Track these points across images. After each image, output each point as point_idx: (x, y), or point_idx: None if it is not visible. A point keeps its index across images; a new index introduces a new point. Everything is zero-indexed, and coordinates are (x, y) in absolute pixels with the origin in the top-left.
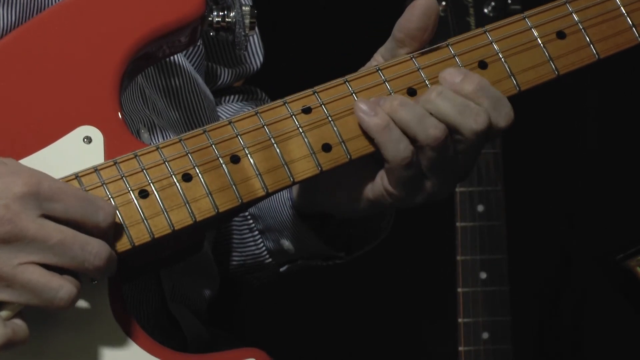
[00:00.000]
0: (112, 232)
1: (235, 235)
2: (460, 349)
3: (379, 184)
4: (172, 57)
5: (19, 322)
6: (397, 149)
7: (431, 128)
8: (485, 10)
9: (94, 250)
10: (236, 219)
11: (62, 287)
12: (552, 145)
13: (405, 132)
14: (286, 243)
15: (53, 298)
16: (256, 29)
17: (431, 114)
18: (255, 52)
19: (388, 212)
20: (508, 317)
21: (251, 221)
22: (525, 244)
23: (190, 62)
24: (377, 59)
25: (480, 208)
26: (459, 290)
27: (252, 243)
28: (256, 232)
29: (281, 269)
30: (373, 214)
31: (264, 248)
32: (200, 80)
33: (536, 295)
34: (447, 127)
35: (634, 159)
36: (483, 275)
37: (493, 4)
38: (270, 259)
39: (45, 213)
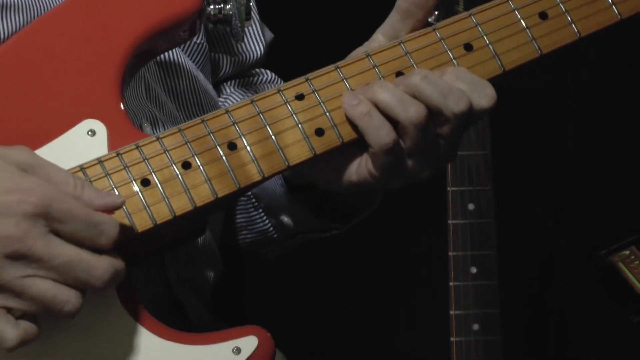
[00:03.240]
0: (114, 245)
1: (243, 214)
2: (452, 339)
3: (364, 167)
4: (174, 58)
5: (30, 323)
6: (378, 135)
7: (412, 107)
8: None
9: (97, 273)
10: (242, 199)
11: (69, 300)
12: (538, 147)
13: (387, 115)
14: (285, 219)
15: (60, 310)
16: (256, 19)
17: (415, 97)
18: (255, 40)
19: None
20: (497, 310)
21: (254, 200)
22: (514, 240)
23: (193, 59)
24: (378, 38)
25: (471, 206)
26: (451, 284)
27: (259, 220)
28: (260, 210)
29: (287, 243)
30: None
31: (269, 224)
32: (201, 78)
33: (524, 289)
34: (429, 110)
35: (615, 161)
36: (473, 270)
37: None
38: (275, 234)
39: (54, 231)
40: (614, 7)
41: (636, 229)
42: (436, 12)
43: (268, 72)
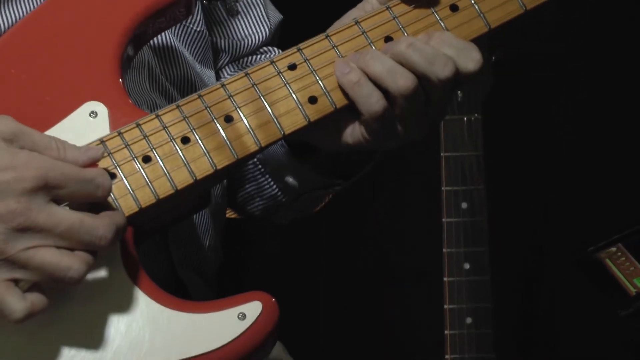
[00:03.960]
0: (109, 196)
1: (252, 183)
2: (446, 332)
3: (357, 132)
4: (172, 48)
5: (37, 294)
6: (369, 103)
7: (401, 78)
8: None
9: (100, 232)
10: (250, 168)
11: (72, 266)
12: (528, 149)
13: (377, 84)
14: (290, 179)
15: (64, 276)
16: (261, 4)
17: (402, 64)
18: (258, 23)
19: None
20: (489, 304)
21: (260, 166)
22: (505, 237)
23: (194, 47)
24: (372, 1)
25: (464, 205)
26: (445, 279)
27: (267, 186)
28: (267, 176)
29: (294, 205)
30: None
31: (276, 188)
32: (198, 68)
33: (515, 284)
34: (416, 77)
35: (602, 162)
36: (467, 265)
37: None
38: (283, 198)
39: (53, 198)
40: None
41: (622, 226)
42: None
43: (276, 49)
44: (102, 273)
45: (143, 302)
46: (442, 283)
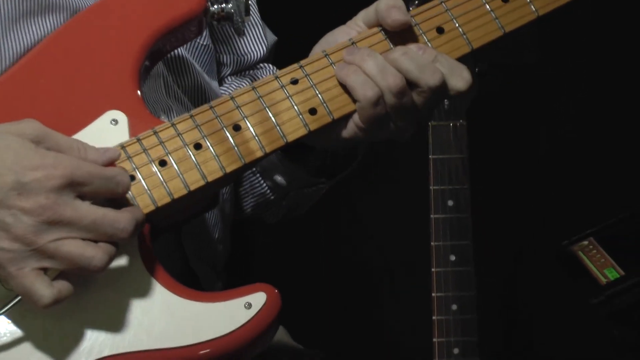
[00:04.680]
0: (128, 192)
1: (245, 182)
2: (434, 318)
3: (352, 124)
4: (184, 61)
5: (64, 282)
6: (364, 88)
7: (390, 77)
8: None
9: (121, 225)
10: None
11: (95, 255)
12: (509, 153)
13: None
14: (279, 178)
15: (88, 265)
16: (258, 22)
17: (396, 68)
18: (257, 42)
19: (360, 148)
20: (473, 292)
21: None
22: (487, 232)
23: (200, 60)
24: (359, 22)
25: (450, 203)
26: (433, 270)
27: (257, 184)
28: (258, 175)
29: (282, 204)
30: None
31: (266, 187)
32: (205, 76)
33: (496, 274)
34: (406, 80)
35: (576, 164)
36: (452, 257)
37: None
38: (272, 196)
39: (79, 195)
40: None
41: (594, 222)
42: (416, 1)
43: (270, 65)
44: (121, 265)
45: (159, 291)
46: (430, 273)
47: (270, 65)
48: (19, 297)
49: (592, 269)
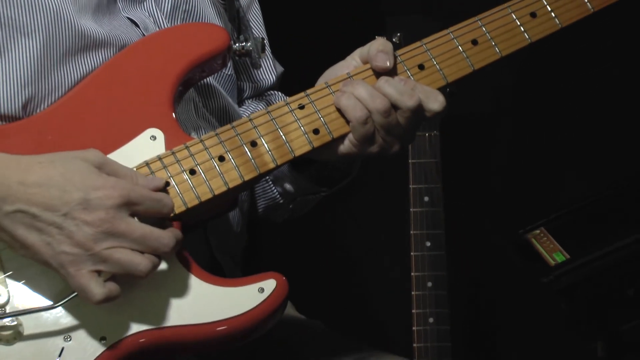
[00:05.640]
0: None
1: (259, 188)
2: (413, 293)
3: (347, 142)
4: (212, 88)
5: (114, 284)
6: (355, 110)
7: (377, 100)
8: None
9: (165, 241)
10: None
11: (141, 263)
12: (475, 157)
13: (362, 104)
14: (287, 186)
15: (134, 270)
16: (269, 56)
17: (381, 93)
18: (268, 72)
19: (355, 163)
20: (445, 272)
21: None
22: (457, 223)
23: (224, 86)
24: (355, 58)
25: (426, 199)
26: (412, 254)
27: (269, 190)
28: (270, 182)
29: (289, 207)
30: (345, 162)
31: (276, 192)
32: (229, 100)
33: (464, 257)
34: (390, 103)
35: (529, 165)
36: (428, 243)
37: None
38: (281, 200)
39: (132, 213)
40: (525, 33)
41: (545, 214)
42: (398, 34)
43: (279, 93)
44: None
45: (189, 278)
46: (409, 256)
47: (280, 93)
48: (76, 293)
49: (543, 253)
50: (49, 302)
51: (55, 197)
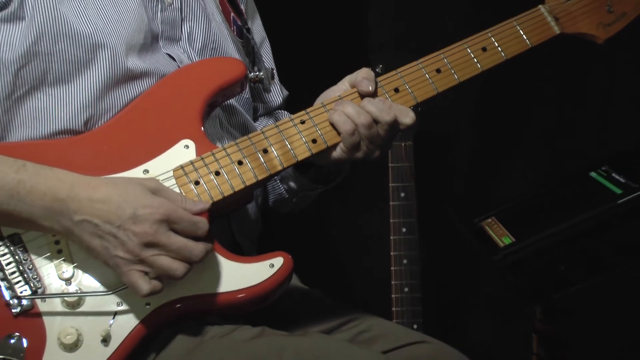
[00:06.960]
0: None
1: (269, 185)
2: (392, 268)
3: (339, 149)
4: (233, 107)
5: (157, 282)
6: (345, 124)
7: (362, 116)
8: None
9: (197, 252)
10: None
11: (178, 269)
12: (440, 162)
13: (350, 119)
14: (292, 184)
15: (172, 274)
16: (277, 82)
17: (364, 111)
18: (277, 95)
19: (345, 166)
20: (417, 252)
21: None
22: (426, 213)
23: (243, 107)
24: (345, 83)
25: (402, 194)
26: (391, 237)
27: (278, 187)
28: (278, 181)
29: (292, 201)
30: (337, 165)
31: (283, 189)
32: (247, 117)
33: (433, 240)
34: (372, 118)
35: (488, 165)
36: (404, 229)
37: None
38: (287, 195)
39: (171, 229)
40: (478, 64)
41: (496, 206)
42: (380, 65)
43: (285, 112)
44: None
45: (215, 257)
46: (389, 240)
47: (286, 111)
48: (125, 286)
49: (493, 237)
50: (105, 287)
51: (112, 212)
